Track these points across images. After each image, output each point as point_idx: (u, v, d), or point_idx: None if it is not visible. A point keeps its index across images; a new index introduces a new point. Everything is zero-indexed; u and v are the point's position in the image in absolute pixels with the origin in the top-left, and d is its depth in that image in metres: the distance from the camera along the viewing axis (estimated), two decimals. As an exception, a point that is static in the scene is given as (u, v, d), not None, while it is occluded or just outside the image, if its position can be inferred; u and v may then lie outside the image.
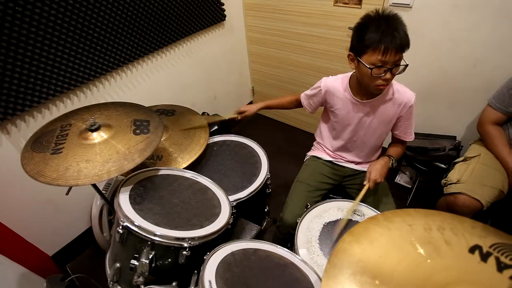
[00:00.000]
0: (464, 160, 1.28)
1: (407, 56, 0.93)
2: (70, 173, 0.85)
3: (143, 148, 0.95)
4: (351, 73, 1.12)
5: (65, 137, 0.97)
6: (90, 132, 0.97)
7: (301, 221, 1.05)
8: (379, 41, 0.87)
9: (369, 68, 0.91)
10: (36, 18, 1.11)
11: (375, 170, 1.06)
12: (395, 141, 1.22)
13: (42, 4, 1.11)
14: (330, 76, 1.17)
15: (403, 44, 0.88)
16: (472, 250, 0.53)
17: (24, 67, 1.14)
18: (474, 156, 1.26)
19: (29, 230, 1.39)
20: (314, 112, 1.29)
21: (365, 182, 1.06)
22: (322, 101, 1.20)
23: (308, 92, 1.25)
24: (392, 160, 1.12)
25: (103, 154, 0.92)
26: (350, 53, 0.99)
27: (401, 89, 1.07)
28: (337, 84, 1.13)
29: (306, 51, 1.97)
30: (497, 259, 0.50)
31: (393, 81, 1.06)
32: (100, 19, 1.30)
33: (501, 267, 0.49)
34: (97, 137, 0.97)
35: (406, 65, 0.93)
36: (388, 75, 0.92)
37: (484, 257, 0.51)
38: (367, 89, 1.03)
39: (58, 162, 0.88)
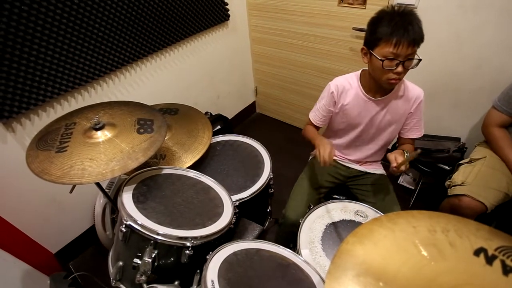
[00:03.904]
0: (469, 161, 1.27)
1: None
2: (74, 172, 0.86)
3: (146, 147, 0.96)
4: (359, 71, 1.11)
5: (69, 136, 0.97)
6: (94, 131, 0.98)
7: (303, 222, 1.04)
8: (391, 33, 0.87)
9: (380, 60, 0.91)
10: (42, 17, 1.12)
11: (396, 153, 0.96)
12: (403, 143, 1.18)
13: (48, 3, 1.12)
14: (337, 78, 1.14)
15: (416, 38, 0.87)
16: (477, 252, 0.52)
17: (30, 66, 1.15)
18: (480, 158, 1.24)
19: (33, 227, 1.40)
20: (327, 123, 1.23)
21: (393, 164, 0.95)
22: (333, 106, 1.15)
23: (317, 106, 1.19)
24: (406, 153, 1.00)
25: (107, 153, 0.92)
26: (364, 47, 0.99)
27: (410, 86, 1.07)
28: (347, 83, 1.11)
29: (309, 51, 1.97)
30: (503, 262, 0.50)
31: (405, 80, 1.05)
32: (105, 18, 1.31)
33: (506, 270, 0.49)
34: (101, 136, 0.97)
35: (419, 60, 0.92)
36: (400, 68, 0.91)
37: (489, 260, 0.51)
38: (379, 86, 1.02)
39: (62, 160, 0.89)
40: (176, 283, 0.91)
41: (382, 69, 0.92)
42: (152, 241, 0.84)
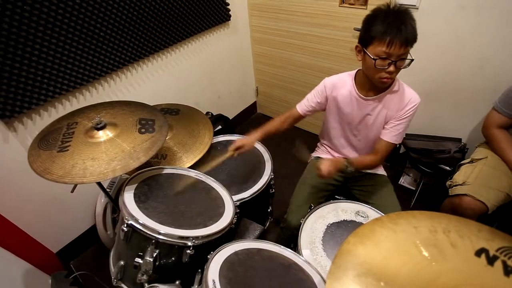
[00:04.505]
0: (471, 162, 1.27)
1: (413, 56, 0.92)
2: (76, 171, 0.86)
3: (148, 147, 0.96)
4: (355, 71, 1.11)
5: (71, 135, 0.98)
6: (96, 131, 0.98)
7: (304, 222, 1.05)
8: (384, 32, 0.87)
9: (373, 59, 0.91)
10: (44, 17, 1.12)
11: (325, 161, 1.03)
12: (377, 148, 1.13)
13: (50, 3, 1.12)
14: (334, 75, 1.16)
15: (409, 38, 0.87)
16: (478, 253, 0.52)
17: (32, 66, 1.15)
18: (481, 159, 1.24)
19: (35, 227, 1.40)
20: (311, 114, 1.22)
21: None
22: (325, 101, 1.17)
23: (308, 96, 1.21)
24: (347, 163, 1.05)
25: (109, 152, 0.93)
26: (358, 44, 0.99)
27: (408, 89, 1.06)
28: (341, 81, 1.12)
29: (310, 52, 1.97)
30: (504, 263, 0.50)
31: (402, 82, 1.05)
32: (107, 18, 1.31)
33: (508, 271, 0.49)
34: (103, 135, 0.98)
35: (412, 60, 0.92)
36: (392, 68, 0.91)
37: (491, 260, 0.51)
38: (372, 84, 1.02)
39: (64, 160, 0.89)
40: (177, 282, 0.91)
41: (374, 68, 0.93)
42: (153, 241, 0.84)
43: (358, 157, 1.18)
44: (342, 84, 1.12)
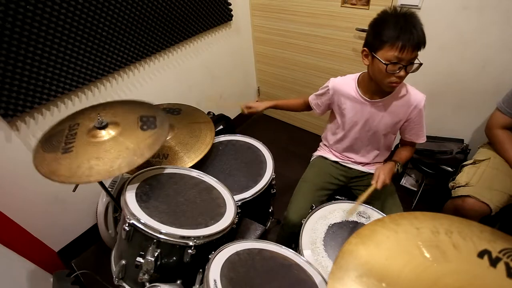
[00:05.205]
0: (473, 163, 1.26)
1: (416, 57, 0.92)
2: (82, 171, 0.86)
3: (151, 142, 0.96)
4: (359, 73, 1.11)
5: (74, 137, 0.98)
6: (98, 130, 0.98)
7: (305, 222, 1.05)
8: (397, 37, 0.86)
9: (384, 64, 0.91)
10: (46, 17, 1.13)
11: (384, 172, 1.04)
12: (404, 143, 1.21)
13: (53, 3, 1.13)
14: (338, 77, 1.16)
15: (420, 42, 0.88)
16: (481, 254, 0.52)
17: (34, 65, 1.16)
18: (484, 160, 1.24)
19: (37, 226, 1.41)
20: (322, 113, 1.28)
21: (372, 182, 1.03)
22: (330, 102, 1.19)
23: (317, 92, 1.24)
24: (398, 165, 1.11)
25: (113, 150, 0.93)
26: (365, 48, 0.98)
27: (412, 91, 1.06)
28: (345, 84, 1.13)
29: (312, 52, 1.96)
30: (507, 264, 0.50)
31: (406, 83, 1.05)
32: (109, 18, 1.32)
33: (510, 273, 0.49)
34: (106, 134, 0.98)
35: (420, 64, 0.92)
36: (402, 73, 0.91)
37: (493, 262, 0.50)
38: (378, 88, 1.02)
39: (70, 161, 0.89)
40: (178, 282, 0.91)
41: (384, 73, 0.92)
42: (155, 240, 0.85)
43: (399, 155, 1.19)
44: (346, 87, 1.12)
